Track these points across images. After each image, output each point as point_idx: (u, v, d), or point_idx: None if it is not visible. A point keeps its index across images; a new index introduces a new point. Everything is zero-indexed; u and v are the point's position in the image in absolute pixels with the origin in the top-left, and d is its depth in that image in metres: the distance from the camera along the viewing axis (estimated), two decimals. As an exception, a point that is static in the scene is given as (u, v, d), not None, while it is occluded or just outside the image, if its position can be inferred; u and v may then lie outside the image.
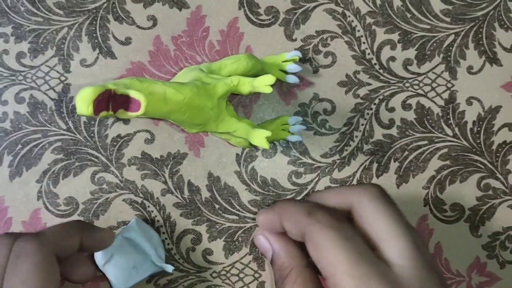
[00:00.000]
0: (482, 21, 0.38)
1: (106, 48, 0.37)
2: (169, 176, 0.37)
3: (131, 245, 0.34)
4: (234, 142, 0.35)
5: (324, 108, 0.38)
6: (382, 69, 0.38)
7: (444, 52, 0.38)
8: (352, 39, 0.38)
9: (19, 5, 0.37)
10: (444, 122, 0.38)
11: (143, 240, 0.35)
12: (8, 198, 0.37)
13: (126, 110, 0.26)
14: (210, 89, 0.31)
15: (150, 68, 0.37)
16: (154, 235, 0.36)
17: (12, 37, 0.37)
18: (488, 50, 0.38)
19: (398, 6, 0.38)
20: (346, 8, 0.38)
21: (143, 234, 0.35)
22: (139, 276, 0.34)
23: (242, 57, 0.34)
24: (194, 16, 0.37)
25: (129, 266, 0.34)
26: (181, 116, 0.30)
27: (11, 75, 0.37)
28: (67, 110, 0.37)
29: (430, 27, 0.38)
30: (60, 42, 0.37)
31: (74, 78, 0.37)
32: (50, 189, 0.37)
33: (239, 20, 0.37)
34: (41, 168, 0.37)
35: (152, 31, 0.37)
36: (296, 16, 0.37)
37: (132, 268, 0.34)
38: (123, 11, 0.37)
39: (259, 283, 0.38)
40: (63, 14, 0.37)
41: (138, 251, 0.34)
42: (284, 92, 0.38)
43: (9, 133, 0.37)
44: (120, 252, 0.34)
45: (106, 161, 0.37)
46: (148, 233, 0.36)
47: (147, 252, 0.35)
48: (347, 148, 0.38)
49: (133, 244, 0.35)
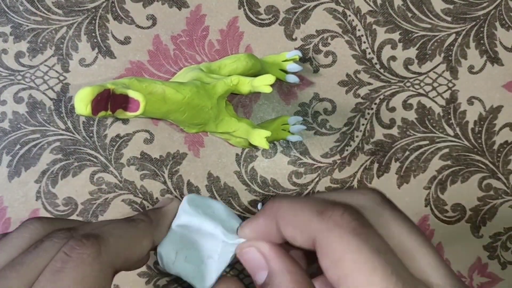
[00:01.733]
0: (483, 20, 0.38)
1: (105, 48, 0.37)
2: (168, 176, 0.37)
3: (193, 231, 0.27)
4: (233, 142, 0.35)
5: (325, 107, 0.37)
6: (383, 68, 0.37)
7: (445, 52, 0.37)
8: (353, 38, 0.37)
9: (18, 4, 0.37)
10: (445, 122, 0.38)
11: (201, 219, 0.26)
12: (7, 198, 0.37)
13: (125, 110, 0.26)
14: (209, 88, 0.30)
15: (149, 68, 0.37)
16: (217, 206, 0.28)
17: (11, 36, 0.37)
18: (489, 50, 0.38)
19: (399, 5, 0.37)
20: (347, 7, 0.37)
21: (199, 212, 0.27)
22: (220, 264, 0.26)
23: (242, 57, 0.34)
24: (193, 16, 0.37)
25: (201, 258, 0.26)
26: (180, 116, 0.30)
27: (10, 75, 0.37)
28: (66, 110, 0.37)
29: (431, 27, 0.37)
30: (59, 41, 0.37)
31: (73, 77, 0.37)
32: (49, 189, 0.37)
33: (239, 20, 0.37)
34: (40, 168, 0.37)
35: (152, 30, 0.37)
36: (296, 16, 0.37)
37: (207, 258, 0.26)
38: (122, 11, 0.37)
39: (259, 283, 0.37)
40: (62, 14, 0.37)
41: (204, 234, 0.26)
42: (284, 91, 0.37)
43: (8, 133, 0.37)
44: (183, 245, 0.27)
45: (105, 161, 0.37)
46: (207, 208, 0.28)
47: (212, 233, 0.26)
48: (347, 148, 0.37)
49: (194, 230, 0.27)
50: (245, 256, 0.20)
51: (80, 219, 0.37)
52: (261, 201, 0.37)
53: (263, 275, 0.19)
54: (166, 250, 0.26)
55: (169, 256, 0.26)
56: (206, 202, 0.28)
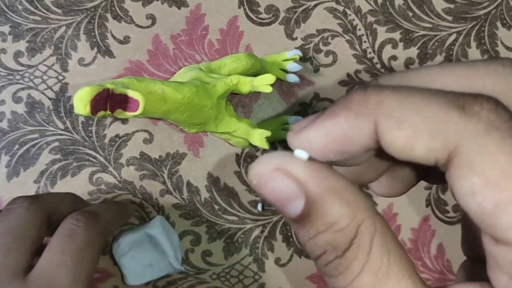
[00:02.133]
0: (484, 20, 0.37)
1: (104, 47, 0.37)
2: (168, 177, 0.37)
3: (151, 242, 0.34)
4: (233, 142, 0.35)
5: (325, 107, 0.37)
6: (384, 68, 0.37)
7: (446, 51, 0.37)
8: (353, 38, 0.37)
9: (17, 3, 0.37)
10: (446, 122, 0.37)
11: (164, 239, 0.34)
12: (6, 198, 0.37)
13: (124, 109, 0.26)
14: (209, 88, 0.30)
15: (149, 67, 0.37)
16: (175, 236, 0.36)
17: (10, 36, 0.37)
18: (490, 49, 0.37)
19: (399, 5, 0.37)
20: (347, 6, 0.37)
21: (165, 233, 0.34)
22: (153, 274, 0.34)
23: (242, 56, 0.33)
24: (193, 15, 0.37)
25: (146, 262, 0.34)
26: (180, 115, 0.29)
27: (8, 75, 0.37)
28: (65, 109, 0.37)
29: (432, 26, 0.37)
30: (58, 41, 0.37)
31: (72, 77, 0.37)
32: (47, 189, 0.37)
33: (239, 19, 0.37)
34: (38, 168, 0.37)
35: (151, 30, 0.37)
36: (297, 15, 0.37)
37: (148, 265, 0.34)
38: (121, 10, 0.37)
39: (259, 284, 0.37)
40: (61, 13, 0.37)
41: (158, 249, 0.34)
42: (284, 91, 0.37)
43: (7, 133, 0.36)
44: (139, 247, 0.34)
45: (104, 161, 0.37)
46: (170, 234, 0.35)
47: (166, 252, 0.34)
48: (348, 148, 0.37)
49: (154, 242, 0.34)
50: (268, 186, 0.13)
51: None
52: (261, 201, 0.37)
53: (298, 205, 0.13)
54: (125, 243, 0.34)
55: (123, 248, 0.34)
56: (169, 230, 0.36)
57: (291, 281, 0.37)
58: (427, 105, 0.12)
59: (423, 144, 0.12)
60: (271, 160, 0.13)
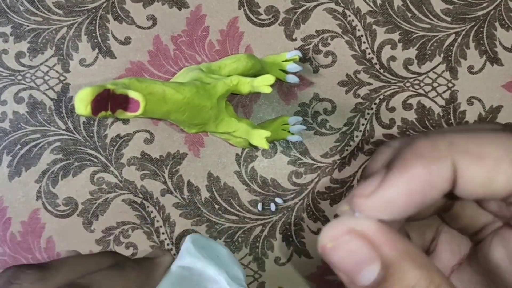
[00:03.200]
0: (482, 20, 0.38)
1: (105, 48, 0.37)
2: (168, 176, 0.37)
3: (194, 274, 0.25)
4: (233, 142, 0.35)
5: (325, 108, 0.37)
6: (383, 68, 0.37)
7: (445, 52, 0.38)
8: (353, 38, 0.37)
9: (19, 4, 0.37)
10: (445, 122, 0.38)
11: (206, 263, 0.25)
12: (7, 198, 0.37)
13: (125, 110, 0.26)
14: (209, 89, 0.30)
15: (149, 68, 0.37)
16: (222, 251, 0.27)
17: (11, 36, 0.37)
18: (489, 50, 0.38)
19: (398, 6, 0.37)
20: (347, 7, 0.37)
21: (204, 255, 0.26)
22: None
23: (242, 57, 0.34)
24: (193, 16, 0.37)
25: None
26: (180, 116, 0.30)
27: (10, 75, 0.37)
28: (66, 110, 0.37)
29: (431, 27, 0.37)
30: (60, 41, 0.37)
31: (73, 77, 0.37)
32: (49, 189, 0.37)
33: (239, 20, 0.37)
34: (40, 168, 0.37)
35: (152, 30, 0.37)
36: (296, 16, 0.37)
37: None
38: (122, 11, 0.37)
39: (259, 283, 0.38)
40: (63, 14, 0.37)
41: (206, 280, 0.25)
42: (284, 92, 0.38)
43: (8, 133, 0.37)
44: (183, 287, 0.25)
45: (105, 161, 0.37)
46: (212, 251, 0.27)
47: (216, 279, 0.25)
48: (347, 148, 0.38)
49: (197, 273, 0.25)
50: (341, 251, 0.13)
51: (81, 219, 0.37)
52: (261, 201, 0.37)
53: (373, 271, 0.12)
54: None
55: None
56: (210, 245, 0.26)
57: (291, 280, 0.38)
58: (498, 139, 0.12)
59: (505, 174, 0.12)
60: (343, 223, 0.13)
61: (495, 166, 0.12)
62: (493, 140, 0.12)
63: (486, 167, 0.12)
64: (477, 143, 0.12)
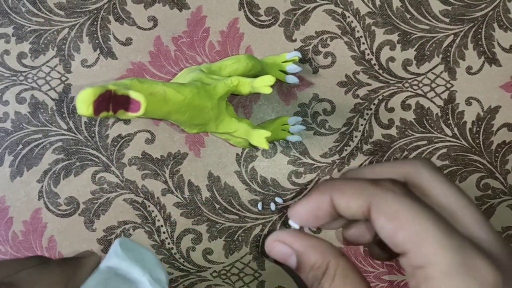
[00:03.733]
0: (481, 21, 0.38)
1: (107, 49, 0.37)
2: (169, 176, 0.37)
3: (120, 274, 0.27)
4: (234, 142, 0.35)
5: (324, 108, 0.38)
6: (382, 69, 0.38)
7: (443, 53, 0.38)
8: (352, 39, 0.38)
9: (20, 5, 0.37)
10: (443, 122, 0.38)
11: (131, 265, 0.27)
12: (9, 198, 0.37)
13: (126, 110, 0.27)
14: (210, 89, 0.31)
15: (150, 69, 0.37)
16: (147, 254, 0.29)
17: (13, 37, 0.37)
18: (487, 51, 0.38)
19: (397, 7, 0.38)
20: (346, 9, 0.38)
21: (129, 257, 0.28)
22: None
23: (242, 58, 0.34)
24: (194, 17, 0.37)
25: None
26: (181, 116, 0.30)
27: (12, 76, 0.37)
28: (68, 110, 0.37)
29: (429, 28, 0.38)
30: (61, 42, 0.37)
31: (75, 78, 0.37)
32: (51, 189, 0.37)
33: (239, 21, 0.37)
34: (42, 168, 0.37)
35: (153, 31, 0.37)
36: (296, 17, 0.38)
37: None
38: (123, 12, 0.37)
39: (259, 282, 0.38)
40: (64, 15, 0.37)
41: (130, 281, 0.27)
42: (284, 92, 0.38)
43: (10, 133, 0.37)
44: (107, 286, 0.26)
45: (106, 161, 0.37)
46: (138, 254, 0.29)
47: (138, 280, 0.27)
48: (346, 148, 0.38)
49: (122, 273, 0.27)
50: (274, 251, 0.22)
51: (82, 219, 0.37)
52: (261, 201, 0.38)
53: (293, 259, 0.21)
54: None
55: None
56: (137, 248, 0.29)
57: (290, 279, 0.38)
58: (356, 182, 0.20)
59: (353, 204, 0.20)
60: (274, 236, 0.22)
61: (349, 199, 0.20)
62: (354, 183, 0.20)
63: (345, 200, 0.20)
64: (344, 185, 0.20)
